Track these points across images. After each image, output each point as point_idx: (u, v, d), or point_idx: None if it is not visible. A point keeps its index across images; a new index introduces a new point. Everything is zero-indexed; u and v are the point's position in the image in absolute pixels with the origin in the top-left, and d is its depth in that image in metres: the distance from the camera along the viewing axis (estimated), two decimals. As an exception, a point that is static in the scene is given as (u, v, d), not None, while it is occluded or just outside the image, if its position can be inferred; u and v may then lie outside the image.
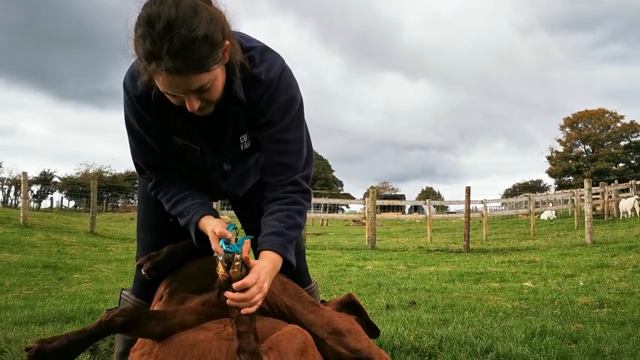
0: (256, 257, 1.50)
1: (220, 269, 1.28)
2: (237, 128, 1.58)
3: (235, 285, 1.26)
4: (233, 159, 1.67)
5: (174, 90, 1.32)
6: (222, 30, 1.32)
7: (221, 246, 1.39)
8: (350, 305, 1.82)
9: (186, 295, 1.53)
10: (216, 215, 1.56)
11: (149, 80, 1.35)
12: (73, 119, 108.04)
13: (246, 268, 1.32)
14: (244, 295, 1.26)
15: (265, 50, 1.54)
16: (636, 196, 18.24)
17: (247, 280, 1.28)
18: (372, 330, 1.80)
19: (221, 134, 1.59)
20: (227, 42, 1.35)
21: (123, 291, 1.94)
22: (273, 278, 1.64)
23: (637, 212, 17.52)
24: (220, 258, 1.30)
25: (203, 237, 1.52)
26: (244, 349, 1.18)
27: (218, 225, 1.46)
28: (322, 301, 1.89)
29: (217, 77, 1.36)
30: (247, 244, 1.39)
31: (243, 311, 1.26)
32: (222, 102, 1.46)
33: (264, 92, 1.51)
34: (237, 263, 1.29)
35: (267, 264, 1.40)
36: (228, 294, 1.26)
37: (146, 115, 1.52)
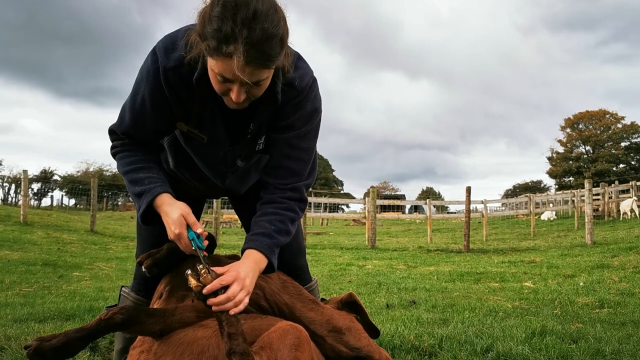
0: (241, 254, 1.50)
1: (192, 282, 1.27)
2: (260, 129, 1.60)
3: (209, 287, 1.25)
4: (246, 156, 1.68)
5: (229, 76, 1.31)
6: (287, 33, 1.36)
7: (191, 239, 1.41)
8: (350, 305, 1.82)
9: (186, 293, 1.53)
10: (175, 198, 1.53)
11: (195, 59, 1.37)
12: (73, 117, 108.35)
13: (215, 272, 1.31)
14: (227, 295, 1.26)
15: (300, 58, 1.59)
16: (635, 197, 18.22)
17: (223, 279, 1.27)
18: (372, 331, 1.79)
19: (244, 130, 1.60)
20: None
21: (123, 288, 1.94)
22: (273, 277, 1.64)
23: (637, 213, 17.51)
24: (188, 272, 1.29)
25: (152, 212, 1.51)
26: (235, 350, 1.16)
27: (192, 215, 1.46)
28: (322, 299, 1.89)
29: (270, 76, 1.39)
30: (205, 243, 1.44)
31: (231, 312, 1.25)
32: (256, 100, 1.47)
33: (293, 98, 1.55)
34: (202, 271, 1.29)
35: (247, 262, 1.40)
36: (210, 300, 1.25)
37: (166, 88, 1.48)
